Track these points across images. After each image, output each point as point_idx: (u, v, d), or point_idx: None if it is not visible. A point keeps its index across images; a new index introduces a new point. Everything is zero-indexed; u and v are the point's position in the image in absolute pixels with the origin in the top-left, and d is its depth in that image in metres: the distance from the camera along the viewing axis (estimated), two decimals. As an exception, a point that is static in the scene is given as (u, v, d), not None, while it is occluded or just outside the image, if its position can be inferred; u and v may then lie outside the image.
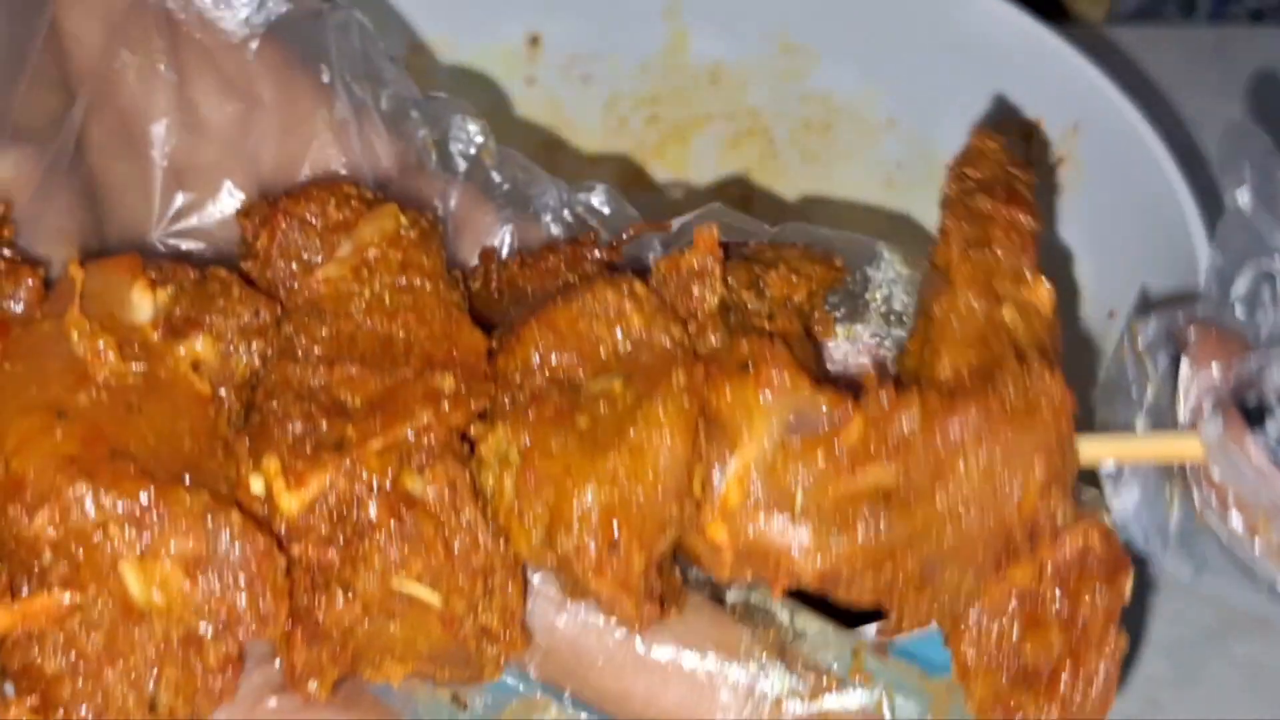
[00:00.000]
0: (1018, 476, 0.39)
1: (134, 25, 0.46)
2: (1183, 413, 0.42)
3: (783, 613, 0.43)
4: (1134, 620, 0.67)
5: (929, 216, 0.67)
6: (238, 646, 0.38)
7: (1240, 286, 0.42)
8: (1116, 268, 0.59)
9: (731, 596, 0.43)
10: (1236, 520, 0.42)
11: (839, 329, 0.45)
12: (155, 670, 0.38)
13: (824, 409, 0.39)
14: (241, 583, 0.37)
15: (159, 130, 0.46)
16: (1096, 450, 0.42)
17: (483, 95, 0.69)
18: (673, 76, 0.69)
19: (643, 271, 0.43)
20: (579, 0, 0.67)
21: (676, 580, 0.41)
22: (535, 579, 0.41)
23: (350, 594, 0.38)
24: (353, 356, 0.41)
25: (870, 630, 0.43)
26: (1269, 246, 0.42)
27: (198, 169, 0.47)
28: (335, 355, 0.41)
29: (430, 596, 0.38)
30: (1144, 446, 0.43)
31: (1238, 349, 0.41)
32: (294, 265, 0.42)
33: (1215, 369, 0.41)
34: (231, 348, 0.41)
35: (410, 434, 0.39)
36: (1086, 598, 0.42)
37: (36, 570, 0.37)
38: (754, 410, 0.39)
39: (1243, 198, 0.42)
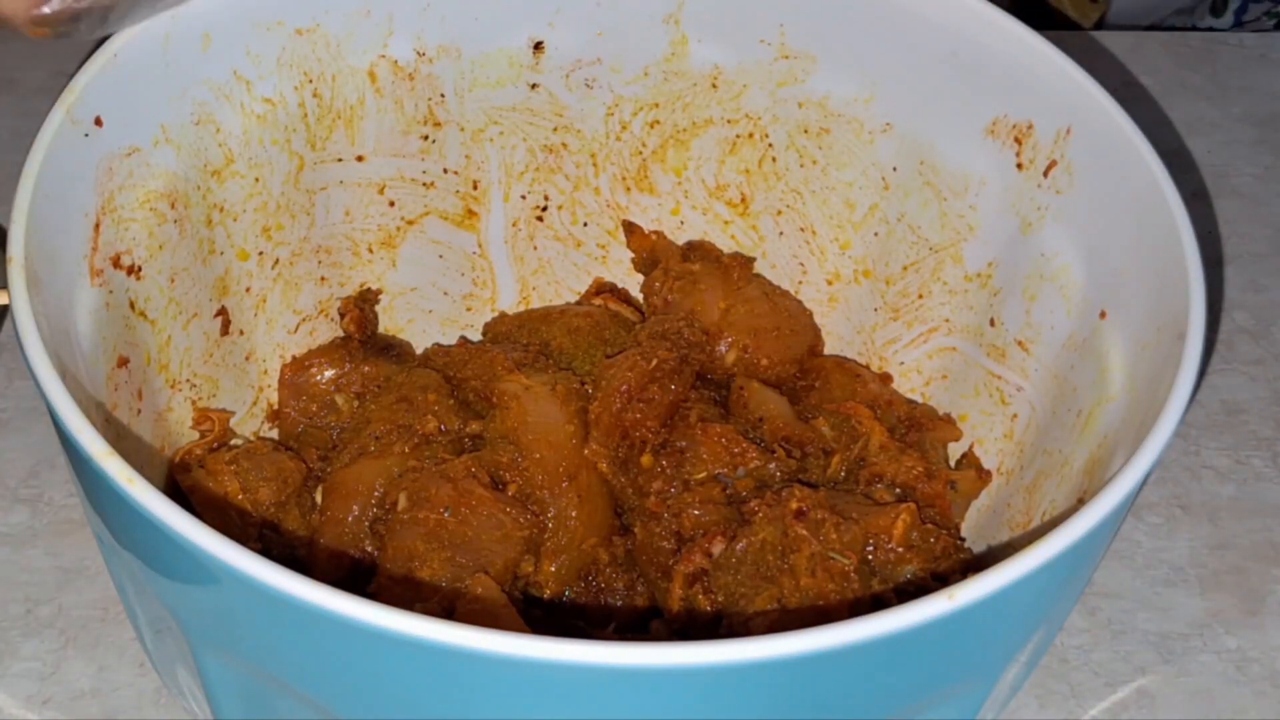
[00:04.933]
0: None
1: None
2: None
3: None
4: (1122, 611, 0.69)
5: (923, 218, 0.68)
6: None
7: None
8: (1107, 268, 0.60)
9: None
10: None
11: None
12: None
13: None
14: None
15: None
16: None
17: (486, 99, 0.70)
18: (673, 82, 0.69)
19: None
20: (582, 7, 0.68)
21: None
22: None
23: None
24: None
25: None
26: None
27: None
28: None
29: None
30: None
31: None
32: None
33: None
34: None
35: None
36: None
37: None
38: None
39: None
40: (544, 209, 0.73)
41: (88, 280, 0.56)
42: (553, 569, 0.61)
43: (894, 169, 0.68)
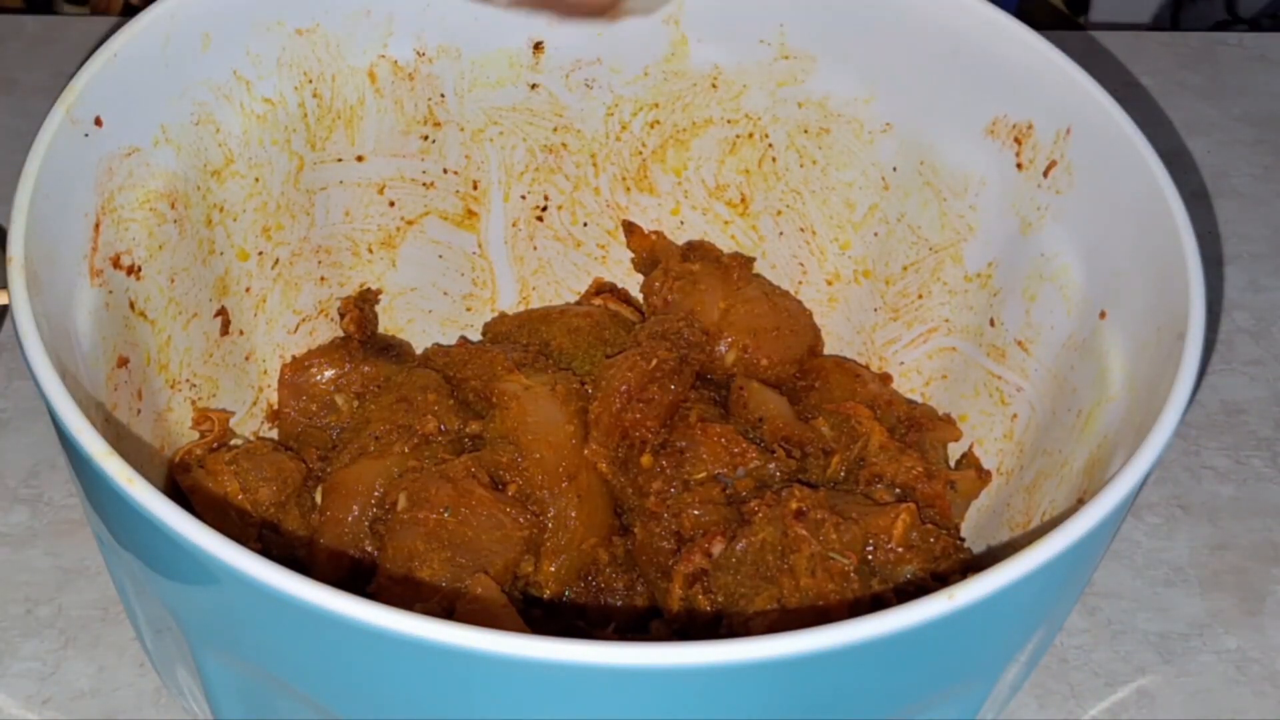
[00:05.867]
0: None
1: None
2: None
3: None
4: (1122, 611, 0.69)
5: (923, 219, 0.68)
6: None
7: None
8: (1107, 268, 0.60)
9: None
10: None
11: None
12: None
13: None
14: None
15: None
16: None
17: (486, 99, 0.70)
18: (673, 82, 0.69)
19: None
20: (581, 7, 0.68)
21: None
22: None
23: None
24: None
25: None
26: None
27: None
28: None
29: None
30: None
31: None
32: None
33: None
34: None
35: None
36: None
37: None
38: None
39: None
40: (544, 209, 0.73)
41: (88, 280, 0.56)
42: (553, 569, 0.61)
43: (894, 169, 0.68)
